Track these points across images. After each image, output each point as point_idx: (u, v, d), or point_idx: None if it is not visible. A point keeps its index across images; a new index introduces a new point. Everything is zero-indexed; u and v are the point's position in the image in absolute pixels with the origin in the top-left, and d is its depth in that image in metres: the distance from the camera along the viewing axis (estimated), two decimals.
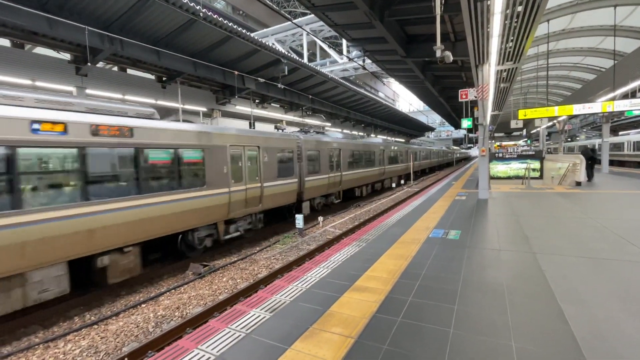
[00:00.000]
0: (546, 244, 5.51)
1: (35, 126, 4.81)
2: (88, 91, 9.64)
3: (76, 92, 9.37)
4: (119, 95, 10.66)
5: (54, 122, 5.01)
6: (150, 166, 6.43)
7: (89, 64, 8.88)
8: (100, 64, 10.21)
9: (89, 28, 7.99)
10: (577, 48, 19.39)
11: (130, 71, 11.24)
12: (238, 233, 8.96)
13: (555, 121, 24.80)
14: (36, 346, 4.65)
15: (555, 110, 13.30)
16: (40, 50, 9.01)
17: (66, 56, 9.24)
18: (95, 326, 5.19)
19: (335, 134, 15.78)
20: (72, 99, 5.75)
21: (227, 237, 8.58)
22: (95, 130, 5.51)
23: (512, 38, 7.57)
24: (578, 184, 13.11)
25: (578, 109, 12.98)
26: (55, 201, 5.04)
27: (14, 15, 7.04)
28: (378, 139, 23.73)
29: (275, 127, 12.56)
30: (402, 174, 24.90)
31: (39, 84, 8.76)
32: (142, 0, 8.23)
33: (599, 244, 5.35)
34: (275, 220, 12.01)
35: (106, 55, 9.17)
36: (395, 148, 22.85)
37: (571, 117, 28.18)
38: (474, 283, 4.00)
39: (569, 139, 43.03)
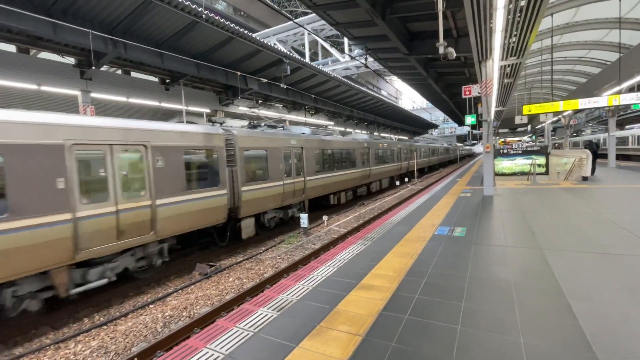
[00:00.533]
0: (553, 239, 5.47)
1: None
2: (92, 94, 9.73)
3: (81, 96, 9.47)
4: (123, 98, 10.74)
5: None
6: None
7: (93, 67, 8.96)
8: (104, 68, 10.29)
9: (93, 32, 8.06)
10: (582, 41, 19.19)
11: (133, 74, 11.32)
12: (104, 281, 5.79)
13: (560, 116, 24.57)
14: (47, 347, 4.71)
15: (560, 105, 13.18)
16: (45, 55, 9.11)
17: (71, 60, 9.33)
18: (105, 327, 5.25)
19: (299, 128, 13.01)
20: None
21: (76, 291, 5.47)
22: None
23: (515, 33, 7.52)
24: (584, 179, 12.98)
25: (583, 103, 12.85)
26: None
27: (20, 21, 7.13)
28: (362, 135, 20.16)
29: (210, 121, 10.06)
30: (395, 174, 22.77)
31: (44, 88, 8.85)
32: (145, 3, 8.28)
33: (607, 239, 5.30)
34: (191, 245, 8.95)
35: (110, 59, 9.24)
36: (385, 145, 20.26)
37: (576, 111, 27.90)
38: (481, 280, 3.98)
39: (575, 134, 42.59)
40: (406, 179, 25.10)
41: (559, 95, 32.12)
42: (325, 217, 11.62)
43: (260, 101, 16.98)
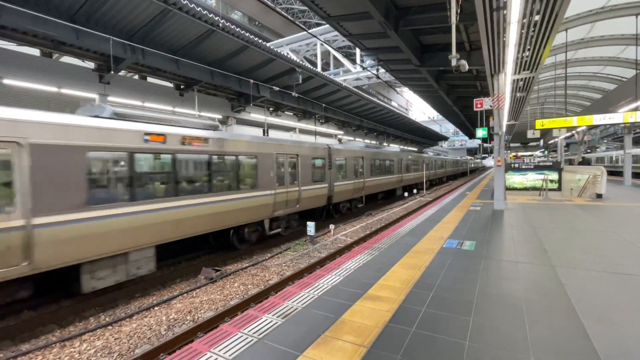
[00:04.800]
0: (566, 257, 5.33)
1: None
2: (110, 98, 10.00)
3: (98, 99, 9.74)
4: (138, 102, 11.01)
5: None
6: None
7: (111, 72, 9.23)
8: (122, 72, 10.60)
9: (113, 38, 8.34)
10: (597, 57, 18.97)
11: (150, 79, 11.62)
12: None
13: (574, 132, 24.19)
14: (53, 345, 4.75)
15: (574, 121, 12.98)
16: (66, 59, 9.44)
17: (90, 65, 9.64)
18: (110, 327, 5.27)
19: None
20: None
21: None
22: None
23: (529, 47, 7.49)
24: (599, 196, 12.67)
25: (598, 119, 12.63)
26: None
27: (46, 26, 7.43)
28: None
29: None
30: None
31: (64, 91, 9.15)
32: (164, 12, 8.54)
33: (622, 259, 5.14)
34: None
35: (128, 64, 9.52)
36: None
37: (591, 127, 27.47)
38: (491, 295, 3.89)
39: (588, 150, 41.80)
40: (415, 190, 24.88)
41: (572, 110, 31.68)
42: (332, 226, 11.57)
43: (271, 109, 17.19)
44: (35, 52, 8.84)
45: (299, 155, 10.49)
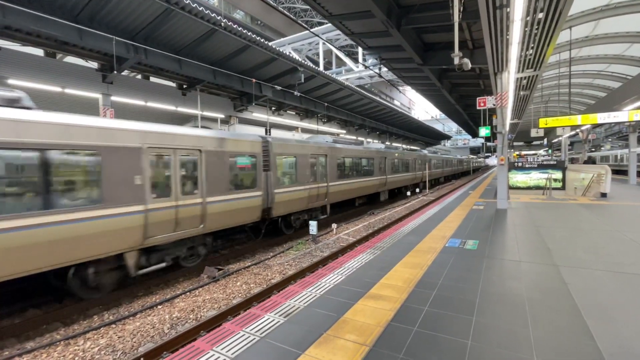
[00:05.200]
0: (570, 256, 5.30)
1: None
2: (113, 98, 10.05)
3: (102, 99, 9.79)
4: (141, 102, 11.06)
5: None
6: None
7: (115, 72, 9.27)
8: (125, 72, 10.65)
9: (117, 38, 8.38)
10: (602, 55, 18.80)
11: (152, 79, 11.66)
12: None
13: (578, 130, 24.02)
14: (57, 343, 4.79)
15: (578, 119, 12.88)
16: (69, 59, 9.49)
17: (94, 65, 9.69)
18: (113, 325, 5.31)
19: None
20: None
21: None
22: None
23: (532, 45, 7.44)
24: (603, 195, 12.58)
25: (603, 117, 12.53)
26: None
27: (49, 27, 7.48)
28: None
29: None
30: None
31: (67, 91, 9.20)
32: (167, 11, 8.56)
33: (627, 258, 5.10)
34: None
35: (131, 64, 9.56)
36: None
37: (595, 126, 27.24)
38: (493, 294, 3.88)
39: (593, 149, 41.50)
40: (417, 190, 24.81)
41: (577, 109, 31.45)
42: (334, 225, 11.57)
43: (273, 108, 17.20)
44: (39, 52, 8.89)
45: (201, 152, 7.18)
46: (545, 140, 37.07)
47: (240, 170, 8.40)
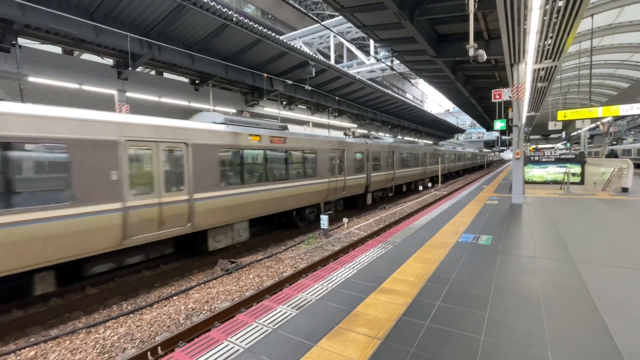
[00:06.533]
0: (588, 252, 5.16)
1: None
2: (128, 94, 10.25)
3: (117, 95, 10.00)
4: (155, 98, 11.24)
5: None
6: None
7: (129, 68, 9.44)
8: (139, 69, 10.82)
9: (131, 35, 8.51)
10: (625, 44, 18.01)
11: (166, 75, 11.82)
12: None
13: (598, 123, 23.20)
14: (79, 331, 5.00)
15: (599, 111, 12.43)
16: (86, 56, 9.72)
17: (109, 62, 9.89)
18: (132, 315, 5.50)
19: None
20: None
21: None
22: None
23: (551, 35, 7.19)
24: (624, 190, 12.16)
25: (625, 109, 12.05)
26: None
27: (66, 25, 7.65)
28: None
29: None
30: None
31: (84, 87, 9.43)
32: (179, 7, 8.64)
33: None
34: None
35: (145, 60, 9.71)
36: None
37: (617, 118, 26.26)
38: (507, 290, 3.83)
39: (614, 142, 40.01)
40: (429, 184, 24.52)
41: (597, 100, 30.32)
42: (345, 220, 11.59)
43: (284, 102, 17.21)
44: (57, 50, 9.12)
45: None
46: (564, 133, 35.97)
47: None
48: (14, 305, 5.50)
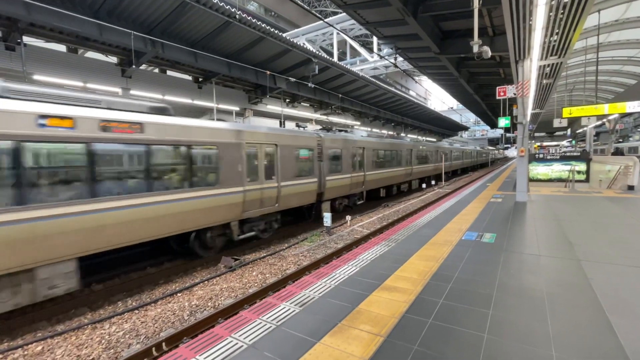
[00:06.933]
0: (593, 251, 5.13)
1: None
2: (132, 92, 10.29)
3: (121, 93, 10.04)
4: (159, 95, 11.28)
5: None
6: None
7: (133, 66, 9.47)
8: (142, 66, 10.85)
9: (134, 32, 8.53)
10: (633, 40, 17.76)
11: (169, 72, 11.85)
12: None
13: (604, 120, 22.94)
14: (85, 326, 5.06)
15: (605, 108, 12.29)
16: (90, 54, 9.75)
17: (113, 59, 9.92)
18: (136, 311, 5.55)
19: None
20: None
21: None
22: None
23: (557, 31, 7.10)
24: (630, 187, 12.04)
25: (632, 106, 11.90)
26: None
27: (71, 23, 7.69)
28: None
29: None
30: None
31: (89, 85, 9.48)
32: (182, 4, 8.63)
33: None
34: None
35: (149, 58, 9.73)
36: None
37: (623, 115, 25.93)
38: (511, 288, 3.82)
39: (620, 140, 39.57)
40: (432, 182, 24.41)
41: (604, 97, 29.98)
42: (348, 217, 11.59)
43: (287, 100, 17.19)
44: (61, 48, 9.17)
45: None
46: (569, 130, 35.63)
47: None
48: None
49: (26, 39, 7.93)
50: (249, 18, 9.74)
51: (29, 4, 7.04)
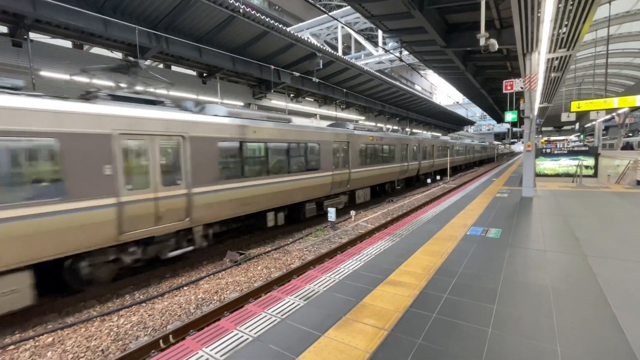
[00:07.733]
0: (599, 246, 5.08)
1: None
2: (137, 88, 10.32)
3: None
4: (164, 91, 11.31)
5: None
6: None
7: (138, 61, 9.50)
8: (147, 62, 10.88)
9: (139, 28, 8.54)
10: None
11: (173, 67, 11.88)
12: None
13: (614, 114, 22.56)
14: (94, 319, 5.16)
15: (614, 102, 12.07)
16: (96, 50, 9.80)
17: (118, 55, 9.96)
18: (144, 304, 5.64)
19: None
20: None
21: None
22: None
23: (566, 23, 6.97)
24: (639, 183, 11.86)
25: None
26: None
27: (76, 18, 7.72)
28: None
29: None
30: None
31: (95, 81, 9.54)
32: None
33: None
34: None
35: (153, 53, 9.76)
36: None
37: (634, 109, 25.48)
38: (516, 283, 3.81)
39: (630, 134, 38.91)
40: (438, 177, 24.28)
41: (613, 90, 29.45)
42: (352, 212, 11.60)
43: (292, 95, 17.15)
44: (67, 44, 9.22)
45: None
46: (577, 125, 35.11)
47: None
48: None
49: (32, 35, 7.99)
50: (253, 12, 9.69)
51: (35, 0, 7.08)
